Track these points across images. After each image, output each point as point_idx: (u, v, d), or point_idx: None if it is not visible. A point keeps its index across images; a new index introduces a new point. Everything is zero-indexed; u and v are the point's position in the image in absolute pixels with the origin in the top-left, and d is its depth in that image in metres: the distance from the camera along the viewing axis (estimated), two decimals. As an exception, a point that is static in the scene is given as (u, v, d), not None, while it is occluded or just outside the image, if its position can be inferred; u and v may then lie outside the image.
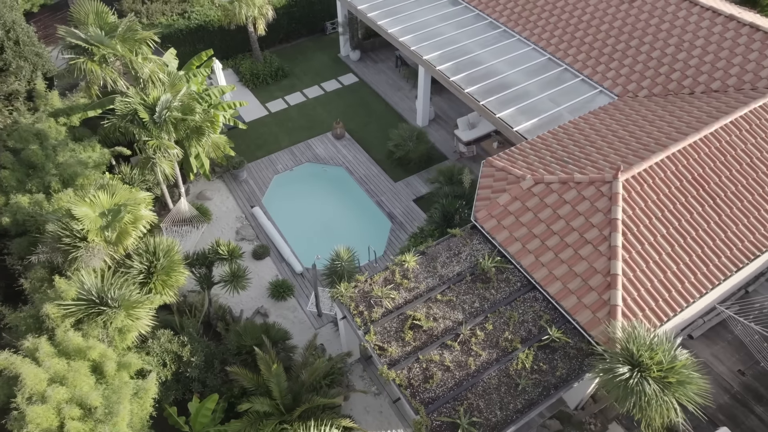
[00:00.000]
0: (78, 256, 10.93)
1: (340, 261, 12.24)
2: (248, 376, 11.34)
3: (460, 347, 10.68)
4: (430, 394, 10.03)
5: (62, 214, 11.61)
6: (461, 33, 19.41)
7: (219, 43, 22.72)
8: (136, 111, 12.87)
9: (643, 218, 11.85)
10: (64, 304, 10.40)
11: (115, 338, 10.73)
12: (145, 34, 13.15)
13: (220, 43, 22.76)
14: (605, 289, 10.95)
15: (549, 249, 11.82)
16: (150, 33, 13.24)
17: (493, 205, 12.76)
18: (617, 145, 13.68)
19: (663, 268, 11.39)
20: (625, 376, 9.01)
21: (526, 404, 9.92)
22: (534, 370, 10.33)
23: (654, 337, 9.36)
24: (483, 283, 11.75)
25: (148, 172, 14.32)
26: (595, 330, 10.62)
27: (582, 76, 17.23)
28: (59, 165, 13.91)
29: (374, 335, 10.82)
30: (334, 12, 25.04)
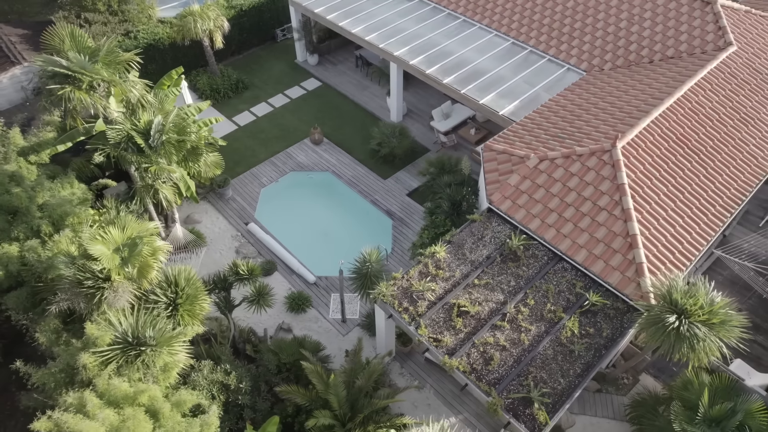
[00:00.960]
0: (104, 297, 10.20)
1: (369, 263, 12.19)
2: (301, 392, 11.09)
3: (510, 325, 11.04)
4: (495, 375, 10.30)
5: (71, 257, 10.77)
6: (423, 27, 19.77)
7: (171, 61, 21.67)
8: (131, 137, 12.15)
9: (645, 180, 12.74)
10: (100, 351, 9.70)
11: (159, 378, 10.14)
12: (127, 56, 12.40)
13: (172, 61, 21.70)
14: (628, 250, 11.70)
15: (567, 220, 12.44)
16: (131, 54, 12.49)
17: (504, 187, 13.22)
18: (603, 116, 14.56)
19: (672, 223, 12.33)
20: (675, 325, 9.71)
21: (584, 367, 10.44)
22: (582, 334, 10.88)
23: (692, 284, 10.15)
24: (513, 261, 12.17)
25: (150, 200, 13.54)
26: (628, 288, 11.34)
27: (548, 56, 18.13)
28: (44, 206, 12.85)
29: (425, 328, 10.93)
30: (284, 19, 24.71)
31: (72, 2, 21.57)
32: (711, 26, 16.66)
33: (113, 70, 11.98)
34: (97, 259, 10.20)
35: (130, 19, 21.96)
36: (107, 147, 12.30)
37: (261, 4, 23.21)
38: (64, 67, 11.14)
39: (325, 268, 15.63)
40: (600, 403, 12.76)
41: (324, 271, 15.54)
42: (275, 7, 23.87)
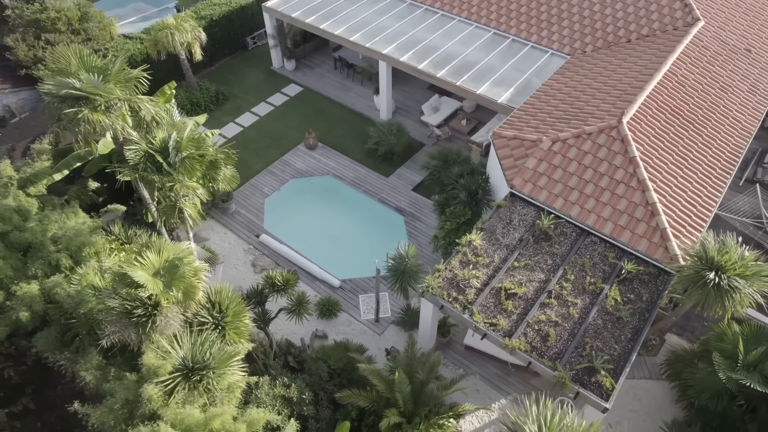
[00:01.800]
0: (156, 325, 9.79)
1: (406, 259, 12.27)
2: (363, 395, 11.06)
3: (557, 301, 11.45)
4: (555, 350, 10.67)
5: (111, 288, 10.26)
6: (404, 23, 20.01)
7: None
8: (149, 156, 11.68)
9: (652, 152, 13.51)
10: (163, 380, 9.33)
11: (224, 400, 9.86)
12: (136, 73, 11.87)
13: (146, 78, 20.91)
14: (650, 218, 12.39)
15: (589, 196, 13.01)
16: (139, 71, 11.97)
17: (523, 171, 13.65)
18: (600, 96, 15.29)
19: (683, 189, 13.15)
20: (716, 280, 10.42)
21: (633, 332, 11.00)
22: (625, 301, 11.45)
23: (722, 242, 10.90)
24: (545, 241, 12.61)
25: (173, 222, 13.03)
26: (657, 253, 12.02)
27: (531, 43, 18.80)
28: (57, 239, 12.13)
29: (479, 315, 11.16)
30: (254, 26, 24.27)
31: (27, 24, 20.38)
32: (678, 3, 17.80)
33: (125, 88, 11.48)
34: (142, 285, 9.78)
35: (93, 37, 20.99)
36: (126, 169, 11.75)
37: (231, 13, 22.72)
38: (77, 89, 10.55)
39: (346, 270, 15.58)
40: (634, 366, 13.43)
41: (346, 273, 15.49)
42: (244, 15, 23.41)
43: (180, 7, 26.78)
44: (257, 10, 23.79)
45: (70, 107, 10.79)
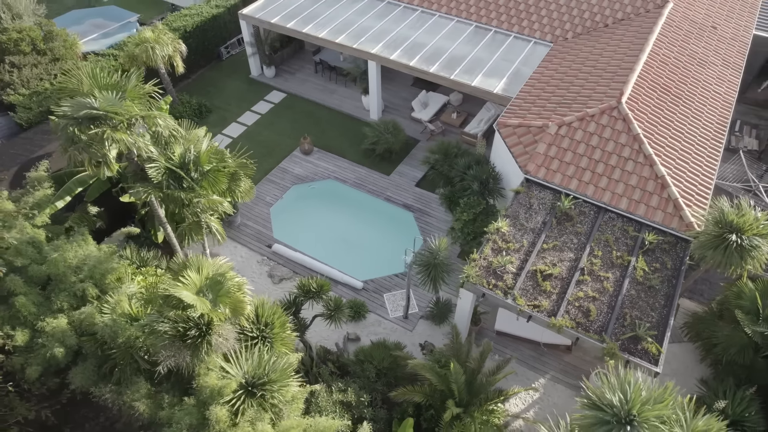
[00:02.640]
0: (211, 345, 9.53)
1: (438, 253, 12.41)
2: (417, 390, 11.14)
3: (591, 277, 11.90)
4: (598, 324, 11.10)
5: (158, 312, 9.90)
6: (386, 22, 20.13)
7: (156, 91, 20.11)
8: (171, 172, 11.31)
9: (652, 128, 14.23)
10: (228, 399, 9.11)
11: (288, 412, 9.72)
12: (149, 88, 11.43)
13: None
14: (662, 190, 13.07)
15: (601, 175, 13.57)
16: (150, 86, 11.51)
17: (535, 156, 14.07)
18: (593, 79, 15.93)
19: (685, 161, 13.93)
20: (738, 241, 11.12)
21: (666, 298, 11.58)
22: (652, 270, 12.03)
23: (738, 205, 11.64)
24: (568, 222, 13.07)
25: (197, 239, 12.62)
26: (673, 223, 12.69)
27: (514, 34, 19.34)
28: (78, 269, 11.55)
29: (521, 298, 11.46)
30: (227, 35, 23.77)
31: (-12, 47, 19.23)
32: (647, -13, 18.76)
33: (142, 105, 11.05)
34: (191, 306, 9.50)
35: (61, 57, 20.03)
36: (148, 188, 11.30)
37: (204, 23, 22.15)
38: (96, 109, 10.07)
39: (365, 271, 15.59)
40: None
41: (366, 274, 15.49)
42: (217, 24, 22.89)
43: (143, 21, 25.94)
44: (229, 18, 23.34)
45: (87, 128, 10.29)
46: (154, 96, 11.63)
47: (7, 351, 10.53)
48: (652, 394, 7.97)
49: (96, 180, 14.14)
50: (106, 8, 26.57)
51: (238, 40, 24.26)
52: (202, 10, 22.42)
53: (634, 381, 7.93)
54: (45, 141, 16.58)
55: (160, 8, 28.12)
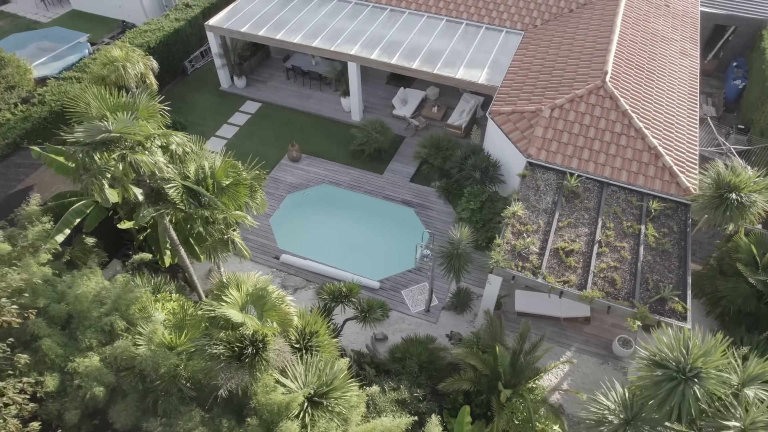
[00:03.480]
0: (268, 360, 9.35)
1: (459, 244, 12.64)
2: (464, 378, 11.34)
3: (608, 249, 12.50)
4: (625, 291, 11.70)
5: (205, 335, 9.59)
6: (358, 23, 20.18)
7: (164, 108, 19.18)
8: (190, 191, 10.94)
9: (636, 103, 15.08)
10: (297, 413, 9.00)
11: (351, 418, 9.69)
12: (158, 105, 10.97)
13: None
14: (656, 160, 13.90)
15: (598, 152, 14.26)
16: (156, 103, 11.04)
17: (534, 140, 14.59)
18: (572, 61, 16.67)
19: (670, 131, 14.86)
20: (738, 199, 12.02)
21: (679, 258, 12.34)
22: (662, 234, 12.78)
23: (732, 167, 12.56)
24: (575, 199, 13.64)
25: (222, 257, 12.22)
26: (671, 189, 13.53)
27: (485, 25, 19.88)
28: (100, 303, 10.97)
29: (550, 276, 11.89)
30: (190, 49, 23.05)
31: (-66, 80, 17.81)
32: (603, -28, 19.77)
33: (154, 123, 10.61)
34: (240, 324, 9.28)
35: (17, 84, 18.85)
36: (168, 209, 10.86)
37: (167, 38, 21.37)
38: (112, 132, 9.58)
39: (378, 271, 15.62)
40: (661, 294, 14.96)
41: (380, 274, 15.53)
42: (179, 38, 22.14)
43: (93, 41, 24.73)
44: (191, 32, 22.66)
45: (102, 153, 9.80)
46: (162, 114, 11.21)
47: (39, 399, 9.87)
48: (705, 347, 8.52)
49: (93, 209, 13.43)
50: (50, 30, 25.12)
51: (202, 53, 23.59)
52: (163, 25, 21.63)
53: (689, 336, 8.45)
54: (21, 174, 15.55)
55: (108, 26, 26.85)
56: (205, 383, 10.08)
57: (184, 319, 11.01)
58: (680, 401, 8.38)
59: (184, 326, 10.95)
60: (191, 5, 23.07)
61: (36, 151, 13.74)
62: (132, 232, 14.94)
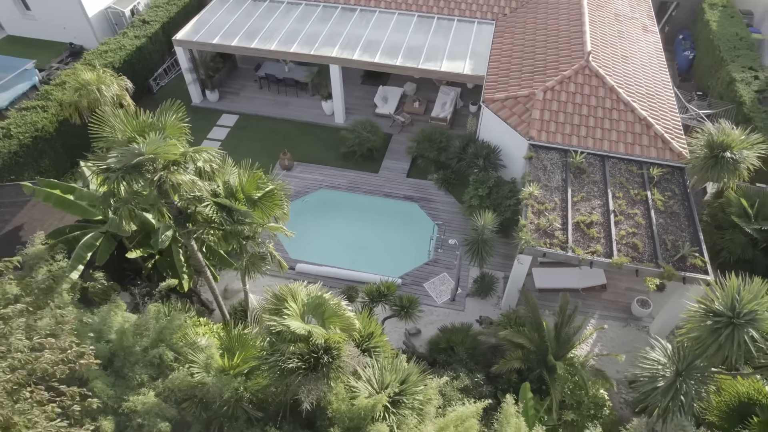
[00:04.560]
0: (342, 367, 9.27)
1: (484, 229, 12.97)
2: (515, 357, 11.68)
3: (623, 217, 13.23)
4: (648, 254, 12.43)
5: (271, 350, 9.38)
6: (331, 25, 20.11)
7: (63, 149, 18.05)
8: (224, 208, 10.62)
9: (619, 79, 15.99)
10: (379, 416, 8.98)
11: (429, 411, 9.78)
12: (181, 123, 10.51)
13: (64, 149, 18.10)
14: (648, 129, 14.81)
15: (594, 127, 15.02)
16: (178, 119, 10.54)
17: (533, 123, 15.16)
18: (551, 45, 17.41)
19: (653, 103, 15.86)
20: (731, 156, 13.06)
21: (687, 218, 13.24)
22: (667, 197, 13.65)
23: (721, 128, 13.60)
24: (582, 174, 14.31)
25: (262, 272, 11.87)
26: (666, 155, 14.47)
27: (456, 18, 20.37)
28: (138, 337, 10.45)
29: (579, 249, 12.44)
30: (153, 67, 22.10)
31: None
32: (560, -41, 20.74)
33: (182, 140, 10.19)
34: (309, 336, 9.16)
35: (-26, 120, 17.49)
36: (203, 229, 10.46)
37: (130, 57, 20.41)
38: (139, 154, 9.12)
39: (396, 268, 15.70)
40: (661, 255, 15.96)
41: (399, 270, 15.62)
42: (143, 57, 21.18)
43: (41, 67, 23.20)
44: (153, 49, 21.74)
45: (133, 178, 9.33)
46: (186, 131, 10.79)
47: (100, 445, 9.28)
48: (754, 292, 9.25)
49: (102, 241, 12.71)
50: (-9, 58, 23.31)
51: (165, 70, 22.69)
52: (124, 44, 20.61)
53: (740, 284, 9.15)
54: (6, 214, 14.43)
55: (53, 50, 25.20)
56: (272, 400, 9.87)
57: (233, 341, 10.67)
58: (736, 345, 9.06)
59: (233, 348, 10.64)
60: (149, 21, 22.13)
61: (29, 187, 12.82)
62: (138, 261, 14.25)
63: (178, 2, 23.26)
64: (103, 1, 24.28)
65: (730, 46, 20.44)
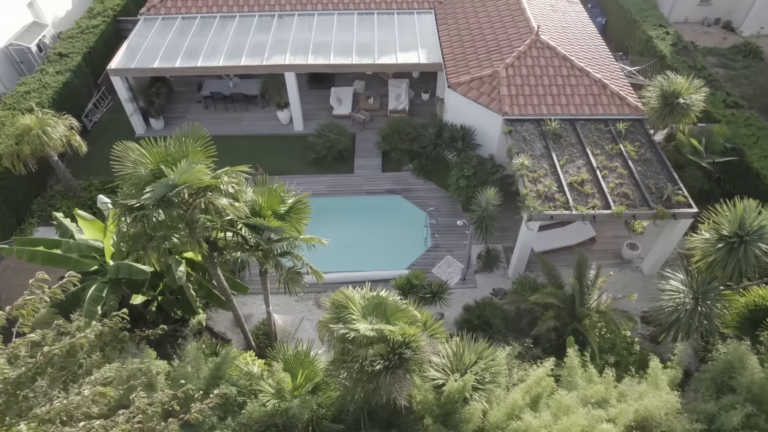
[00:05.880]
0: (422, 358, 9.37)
1: (488, 205, 13.52)
2: (550, 317, 12.35)
3: (607, 171, 14.36)
4: (638, 199, 13.61)
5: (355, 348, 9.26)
6: (274, 33, 19.70)
7: (4, 205, 16.22)
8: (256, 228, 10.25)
9: (567, 48, 17.24)
10: (470, 397, 9.20)
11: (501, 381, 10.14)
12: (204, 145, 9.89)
13: (5, 206, 16.28)
14: (604, 89, 16.17)
15: (558, 95, 16.13)
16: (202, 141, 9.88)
17: (503, 99, 15.96)
18: (498, 26, 18.34)
19: (601, 66, 17.27)
20: (685, 101, 14.64)
21: (660, 163, 14.64)
22: (637, 147, 14.99)
23: (669, 77, 15.15)
24: (560, 138, 15.31)
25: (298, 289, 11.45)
26: (626, 110, 15.87)
27: (395, 11, 20.78)
28: (196, 380, 9.84)
29: (581, 206, 13.36)
30: (83, 102, 20.36)
31: None
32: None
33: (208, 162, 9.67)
34: (386, 336, 9.18)
35: None
36: (246, 252, 10.00)
37: (59, 95, 18.65)
38: (170, 185, 8.55)
39: (399, 261, 15.85)
40: (630, 201, 17.45)
41: (403, 262, 15.78)
42: (70, 93, 19.41)
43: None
44: (79, 83, 20.02)
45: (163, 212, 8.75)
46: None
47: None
48: (755, 212, 10.54)
49: (107, 291, 11.71)
50: None
51: (95, 104, 21.00)
52: (47, 81, 18.79)
53: (744, 208, 10.39)
54: (-27, 287, 12.77)
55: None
56: (347, 411, 9.75)
57: (290, 362, 10.34)
58: (752, 258, 10.30)
59: (292, 369, 10.33)
60: (67, 54, 20.32)
61: (7, 250, 11.51)
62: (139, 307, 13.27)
63: (95, 30, 21.56)
64: (0, 39, 21.89)
65: (639, 9, 22.68)
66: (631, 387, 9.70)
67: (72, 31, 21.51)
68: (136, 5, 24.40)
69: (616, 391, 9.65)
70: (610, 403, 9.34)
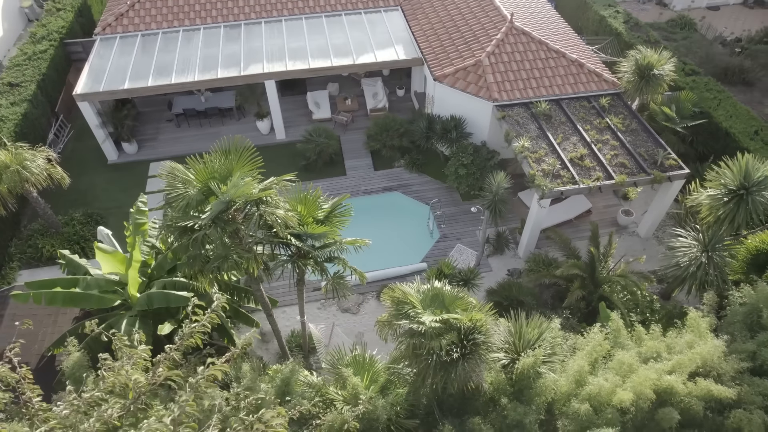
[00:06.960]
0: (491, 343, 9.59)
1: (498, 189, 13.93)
2: (577, 286, 12.92)
3: (601, 144, 15.15)
4: (634, 167, 14.46)
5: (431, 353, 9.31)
6: (245, 42, 19.27)
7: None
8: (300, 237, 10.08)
9: (540, 32, 17.99)
10: (543, 372, 9.52)
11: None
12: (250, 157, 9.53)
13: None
14: (582, 68, 17.01)
15: (541, 77, 16.80)
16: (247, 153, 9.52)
17: (490, 86, 16.45)
18: (470, 17, 18.84)
19: (573, 47, 18.14)
20: (659, 73, 15.69)
21: (646, 131, 15.60)
22: (621, 119, 15.91)
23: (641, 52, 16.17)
24: (550, 118, 15.98)
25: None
26: (605, 86, 16.78)
27: (362, 10, 20.83)
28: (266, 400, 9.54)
29: (587, 180, 14.03)
30: (44, 133, 19.03)
31: None
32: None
33: (253, 174, 9.40)
34: (455, 324, 9.35)
35: None
36: (303, 261, 9.78)
37: (20, 128, 17.32)
38: (231, 200, 8.25)
39: (412, 255, 16.02)
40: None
41: (416, 256, 15.96)
42: (31, 125, 18.08)
43: None
44: (38, 113, 18.70)
45: (214, 230, 8.47)
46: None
47: None
48: (752, 166, 11.51)
49: (139, 324, 11.12)
50: None
51: (56, 134, 19.69)
52: (3, 113, 17.38)
53: (746, 161, 11.33)
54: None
55: None
56: (423, 401, 9.82)
57: (354, 365, 10.27)
58: (754, 208, 11.26)
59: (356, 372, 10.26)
60: (18, 83, 18.92)
61: (23, 296, 10.68)
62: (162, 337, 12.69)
63: (43, 56, 20.17)
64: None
65: (587, -10, 23.95)
66: (676, 339, 10.36)
67: (17, 59, 20.02)
68: (81, 26, 23.10)
69: (663, 344, 10.28)
70: (662, 357, 9.94)
